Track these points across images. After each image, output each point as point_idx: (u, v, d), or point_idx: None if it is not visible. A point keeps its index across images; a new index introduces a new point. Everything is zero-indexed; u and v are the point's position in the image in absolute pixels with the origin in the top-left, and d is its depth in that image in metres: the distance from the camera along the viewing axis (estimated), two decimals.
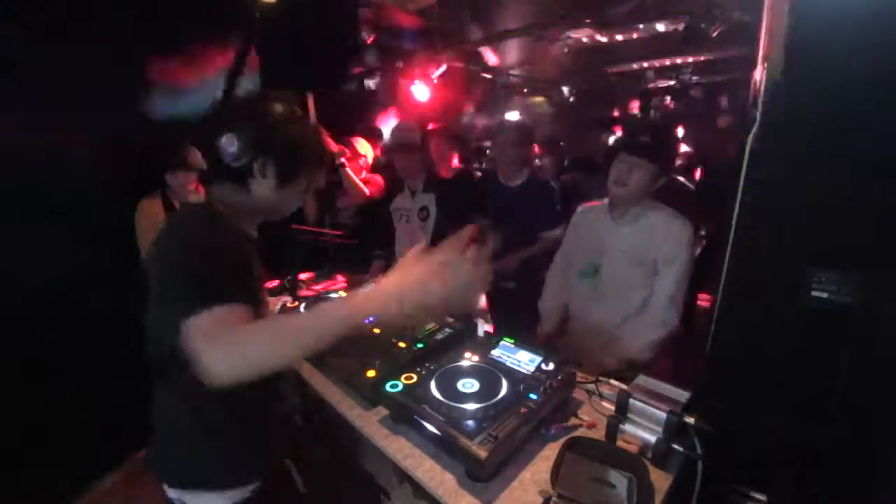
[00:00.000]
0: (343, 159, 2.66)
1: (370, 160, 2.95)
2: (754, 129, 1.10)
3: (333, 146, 2.67)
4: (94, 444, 2.02)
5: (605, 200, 1.81)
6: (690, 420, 1.06)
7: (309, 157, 1.08)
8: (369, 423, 1.27)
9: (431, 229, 2.35)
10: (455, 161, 3.24)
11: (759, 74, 1.13)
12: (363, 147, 2.88)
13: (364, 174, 2.86)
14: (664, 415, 1.08)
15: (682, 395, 1.16)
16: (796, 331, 1.13)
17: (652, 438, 1.09)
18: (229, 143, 0.95)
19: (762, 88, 1.08)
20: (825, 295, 1.05)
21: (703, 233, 3.30)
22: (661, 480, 1.05)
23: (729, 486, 1.23)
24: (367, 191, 2.75)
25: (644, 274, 1.67)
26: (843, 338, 1.07)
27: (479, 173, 4.47)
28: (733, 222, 1.20)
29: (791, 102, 1.05)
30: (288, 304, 1.86)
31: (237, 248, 0.99)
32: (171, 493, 1.09)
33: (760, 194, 1.13)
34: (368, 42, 3.04)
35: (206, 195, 1.08)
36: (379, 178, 2.92)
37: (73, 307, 1.93)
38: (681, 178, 3.39)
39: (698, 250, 3.00)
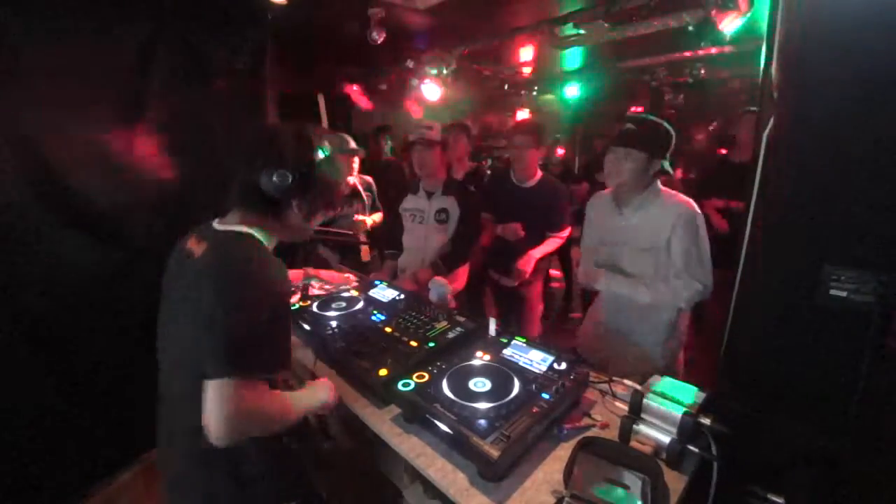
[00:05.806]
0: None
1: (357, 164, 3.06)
2: (771, 124, 1.08)
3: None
4: (109, 440, 2.04)
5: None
6: (706, 421, 1.05)
7: (339, 197, 1.21)
8: (381, 421, 1.27)
9: (452, 232, 2.33)
10: (466, 161, 3.27)
11: (774, 69, 1.11)
12: None
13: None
14: (679, 415, 1.07)
15: (698, 396, 1.14)
16: (814, 330, 1.10)
17: (666, 439, 1.08)
18: (280, 179, 1.01)
19: (778, 83, 1.06)
20: (844, 294, 1.03)
21: None
22: (675, 482, 1.04)
23: (745, 487, 1.21)
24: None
25: (658, 260, 1.65)
26: (863, 338, 1.04)
27: (488, 171, 4.45)
28: (749, 218, 1.18)
29: (808, 97, 1.02)
30: (300, 304, 1.88)
31: (281, 279, 1.04)
32: None
33: (777, 190, 1.11)
34: (379, 41, 3.04)
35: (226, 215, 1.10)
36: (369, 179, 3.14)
37: (91, 304, 1.95)
38: None
39: None
